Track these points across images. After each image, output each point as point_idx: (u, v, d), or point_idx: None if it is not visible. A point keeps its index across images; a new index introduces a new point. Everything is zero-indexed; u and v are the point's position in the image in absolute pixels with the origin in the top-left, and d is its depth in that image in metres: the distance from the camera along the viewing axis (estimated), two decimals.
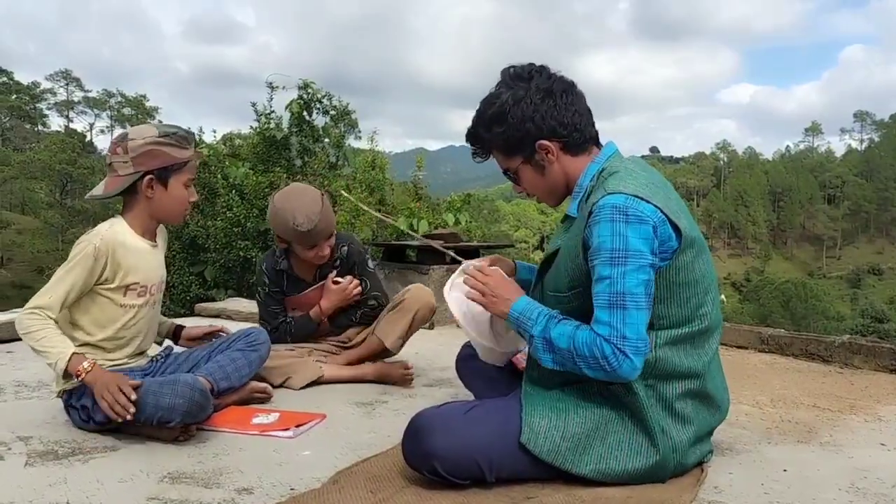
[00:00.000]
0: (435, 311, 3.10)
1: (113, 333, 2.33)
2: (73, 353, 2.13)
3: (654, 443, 1.78)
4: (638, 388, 1.77)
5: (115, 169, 2.29)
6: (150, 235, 2.40)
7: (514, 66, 1.91)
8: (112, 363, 2.32)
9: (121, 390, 2.08)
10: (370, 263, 3.17)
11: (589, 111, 1.92)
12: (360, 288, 3.04)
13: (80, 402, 2.24)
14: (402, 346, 3.09)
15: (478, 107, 1.94)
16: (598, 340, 1.69)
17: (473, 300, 1.97)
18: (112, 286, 2.29)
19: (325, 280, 3.05)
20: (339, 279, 3.02)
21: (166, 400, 2.11)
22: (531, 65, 1.90)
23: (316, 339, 3.12)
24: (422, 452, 1.78)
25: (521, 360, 2.24)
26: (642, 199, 1.71)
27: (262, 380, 2.76)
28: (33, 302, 2.20)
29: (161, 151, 2.28)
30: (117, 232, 2.29)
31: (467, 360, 2.48)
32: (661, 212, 1.71)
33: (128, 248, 2.29)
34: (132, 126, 2.63)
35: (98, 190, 2.34)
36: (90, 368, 2.12)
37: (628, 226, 1.68)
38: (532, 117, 1.84)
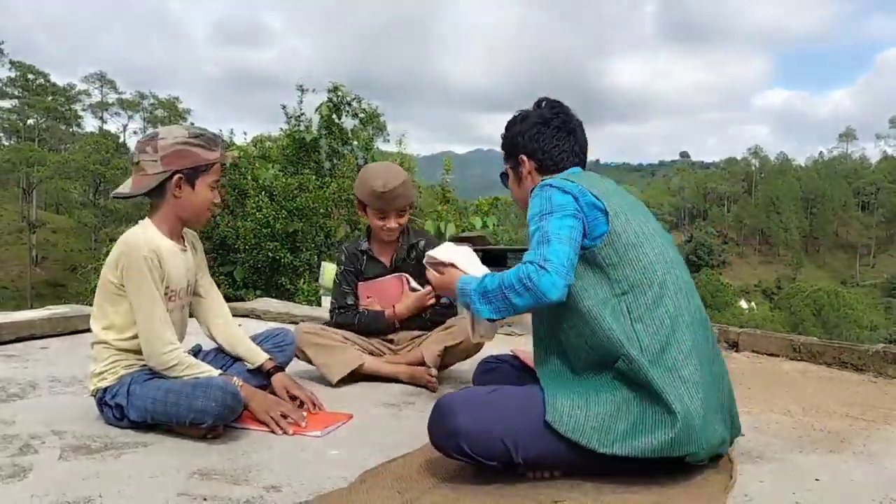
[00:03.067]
0: (481, 347, 3.07)
1: None
2: (220, 375, 2.30)
3: (670, 410, 1.77)
4: (641, 357, 1.80)
5: (144, 168, 2.28)
6: (177, 238, 2.40)
7: (546, 98, 2.23)
8: (143, 364, 2.33)
9: (284, 415, 2.32)
10: None
11: (575, 152, 2.17)
12: (434, 298, 3.13)
13: (114, 401, 2.28)
14: (439, 363, 3.04)
15: None
16: (522, 266, 1.84)
17: (432, 285, 2.29)
18: None
19: (400, 273, 3.16)
20: (418, 287, 3.12)
21: (199, 403, 2.14)
22: (557, 101, 2.22)
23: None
24: (447, 431, 1.81)
25: (529, 358, 2.27)
26: (566, 180, 1.98)
27: (303, 354, 2.98)
28: (159, 340, 2.25)
29: (190, 151, 2.29)
30: (151, 238, 2.29)
31: (485, 375, 2.53)
32: (582, 187, 1.95)
33: (163, 252, 2.30)
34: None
35: (125, 188, 2.33)
36: (241, 384, 2.32)
37: (553, 192, 1.94)
38: (523, 134, 2.18)
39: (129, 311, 2.28)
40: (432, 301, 3.14)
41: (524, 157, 2.18)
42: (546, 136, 2.15)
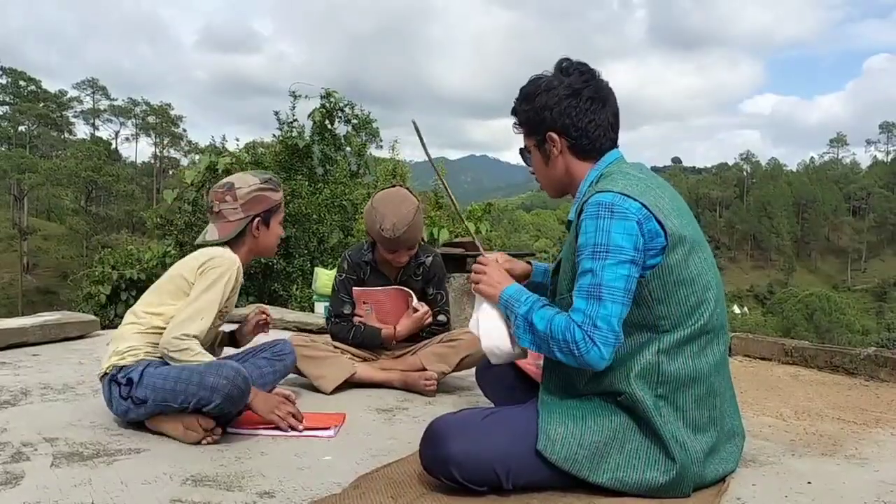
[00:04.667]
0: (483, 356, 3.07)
1: None
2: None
3: (669, 454, 1.76)
4: (647, 397, 1.77)
5: (226, 215, 2.49)
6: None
7: (568, 60, 1.97)
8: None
9: (288, 412, 2.38)
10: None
11: (611, 125, 1.96)
12: (431, 318, 3.11)
13: (126, 377, 2.28)
14: (442, 378, 3.03)
15: None
16: (571, 326, 1.74)
17: (473, 288, 2.06)
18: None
19: (402, 286, 3.11)
20: (419, 306, 3.09)
21: (210, 379, 2.17)
22: (583, 64, 1.96)
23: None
24: (439, 458, 1.79)
25: (536, 370, 2.24)
26: (629, 196, 1.76)
27: (294, 367, 2.91)
28: (184, 328, 2.27)
29: (265, 196, 2.53)
30: (240, 264, 2.48)
31: (487, 370, 2.49)
32: (647, 209, 1.76)
33: (240, 278, 2.48)
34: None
35: (212, 235, 2.51)
36: None
37: (612, 221, 1.74)
38: (552, 108, 1.92)
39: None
40: (430, 321, 3.12)
41: (554, 135, 1.94)
42: (580, 110, 1.90)
